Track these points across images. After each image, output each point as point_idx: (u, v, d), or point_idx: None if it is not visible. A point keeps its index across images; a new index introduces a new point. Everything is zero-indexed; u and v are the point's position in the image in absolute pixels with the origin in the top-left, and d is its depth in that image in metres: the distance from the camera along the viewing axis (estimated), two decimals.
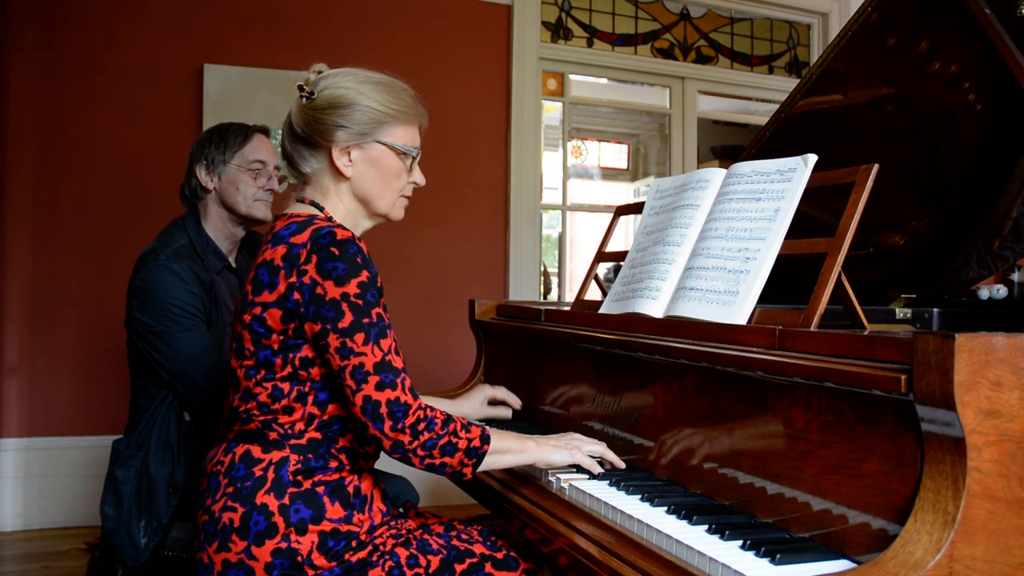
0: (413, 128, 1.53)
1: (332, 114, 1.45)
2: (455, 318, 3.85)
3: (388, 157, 1.49)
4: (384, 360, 1.31)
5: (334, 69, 1.51)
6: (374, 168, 1.48)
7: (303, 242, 1.35)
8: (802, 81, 1.87)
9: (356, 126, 1.45)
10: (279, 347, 1.35)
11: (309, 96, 1.47)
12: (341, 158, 1.46)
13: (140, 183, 3.54)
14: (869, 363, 1.02)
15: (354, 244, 1.34)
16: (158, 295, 1.92)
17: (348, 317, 1.30)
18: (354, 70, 1.51)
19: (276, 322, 1.35)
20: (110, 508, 1.94)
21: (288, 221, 1.42)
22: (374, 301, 1.33)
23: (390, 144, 1.48)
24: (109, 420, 3.30)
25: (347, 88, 1.46)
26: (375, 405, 1.29)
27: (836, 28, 4.73)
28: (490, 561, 1.42)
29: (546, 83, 4.42)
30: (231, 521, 1.32)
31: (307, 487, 1.34)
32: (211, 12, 3.68)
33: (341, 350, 1.30)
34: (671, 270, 1.53)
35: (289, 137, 1.51)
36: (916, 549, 0.90)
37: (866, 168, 1.27)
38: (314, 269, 1.32)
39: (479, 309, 2.29)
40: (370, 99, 1.46)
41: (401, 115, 1.49)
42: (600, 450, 1.48)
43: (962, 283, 2.04)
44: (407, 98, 1.51)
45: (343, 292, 1.31)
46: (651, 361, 1.49)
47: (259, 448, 1.37)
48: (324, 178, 1.50)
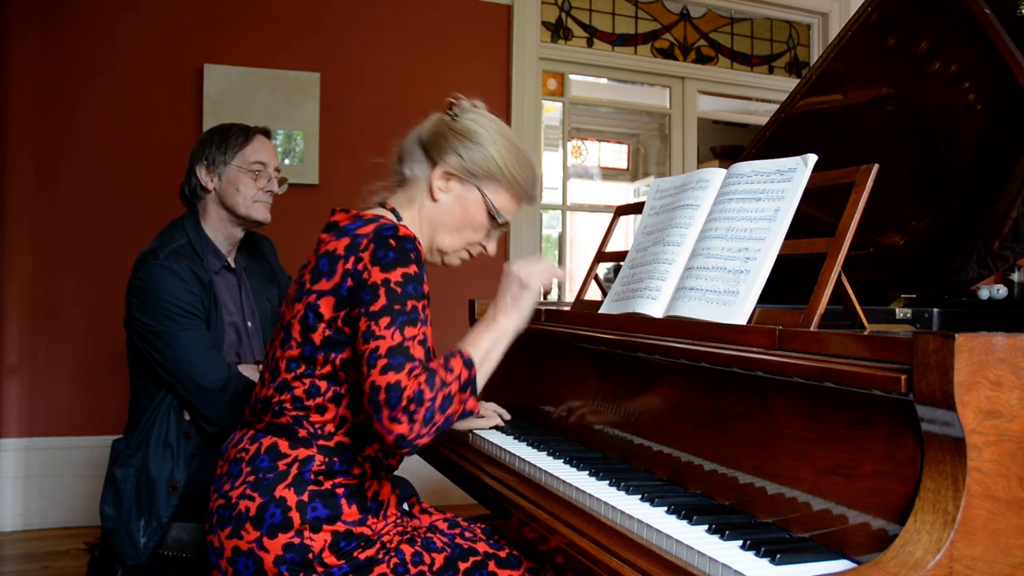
0: (516, 203, 1.55)
1: (459, 140, 1.49)
2: (455, 318, 3.84)
3: (477, 207, 1.51)
4: (401, 345, 1.27)
5: (486, 111, 1.56)
6: (460, 207, 1.51)
7: (367, 233, 1.36)
8: (802, 81, 1.86)
9: (471, 163, 1.49)
10: (321, 343, 1.35)
11: (453, 116, 1.52)
12: (440, 180, 1.50)
13: (140, 183, 3.54)
14: (869, 363, 1.02)
15: (412, 242, 1.35)
16: (157, 295, 1.92)
17: (381, 301, 1.29)
18: (502, 125, 1.55)
19: (328, 309, 1.35)
20: (110, 508, 1.94)
21: (354, 218, 1.43)
22: (414, 294, 1.32)
23: (488, 198, 1.51)
24: (109, 420, 3.30)
25: (485, 130, 1.50)
26: (376, 391, 1.24)
27: (836, 28, 4.73)
28: (493, 559, 1.42)
29: (546, 83, 4.42)
30: (247, 509, 1.33)
31: (327, 487, 1.35)
32: (211, 12, 3.68)
33: (366, 333, 1.28)
34: (671, 270, 1.53)
35: (414, 139, 1.55)
36: (916, 549, 0.90)
37: (866, 168, 1.27)
38: (368, 256, 1.33)
39: (479, 309, 2.29)
40: (498, 152, 1.50)
41: (514, 185, 1.52)
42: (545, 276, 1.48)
43: (962, 283, 2.04)
44: (529, 175, 1.54)
45: (385, 278, 1.30)
46: (651, 361, 1.49)
47: (286, 443, 1.37)
48: (417, 189, 1.53)
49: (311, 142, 3.76)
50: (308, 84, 3.73)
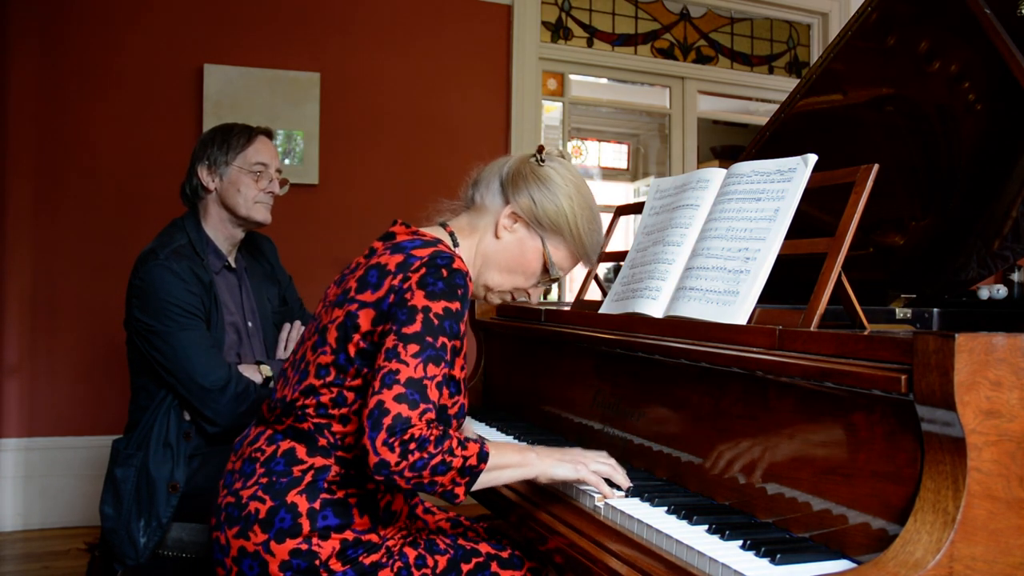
0: (573, 261, 1.56)
1: (536, 186, 1.49)
2: None
3: (535, 255, 1.52)
4: (422, 381, 1.25)
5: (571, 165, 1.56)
6: (518, 251, 1.52)
7: (422, 256, 1.34)
8: (802, 81, 1.86)
9: (541, 211, 1.49)
10: (356, 354, 1.33)
11: (539, 160, 1.53)
12: (507, 218, 1.50)
13: (140, 183, 3.54)
14: (869, 363, 1.02)
15: (464, 277, 1.33)
16: (158, 295, 1.92)
17: (415, 327, 1.27)
18: (583, 184, 1.54)
19: (367, 322, 1.33)
20: (110, 508, 1.94)
21: (414, 236, 1.42)
22: (449, 331, 1.30)
23: (547, 250, 1.51)
24: (109, 420, 3.30)
25: (564, 182, 1.50)
26: (383, 412, 1.21)
27: (836, 28, 4.73)
28: (496, 560, 1.42)
29: (546, 83, 4.42)
30: (256, 511, 1.32)
31: (340, 496, 1.33)
32: (211, 12, 3.68)
33: (390, 351, 1.26)
34: (671, 270, 1.53)
35: (497, 169, 1.56)
36: (916, 549, 0.90)
37: (866, 168, 1.27)
38: (416, 278, 1.31)
39: (479, 309, 2.29)
40: (570, 207, 1.50)
41: (576, 244, 1.52)
42: (607, 470, 1.37)
43: (962, 283, 2.04)
44: (594, 238, 1.55)
45: (426, 305, 1.28)
46: (651, 361, 1.49)
47: (304, 449, 1.35)
48: (483, 219, 1.53)
49: (311, 142, 3.76)
50: (308, 84, 3.73)
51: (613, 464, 1.39)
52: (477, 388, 2.30)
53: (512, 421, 1.97)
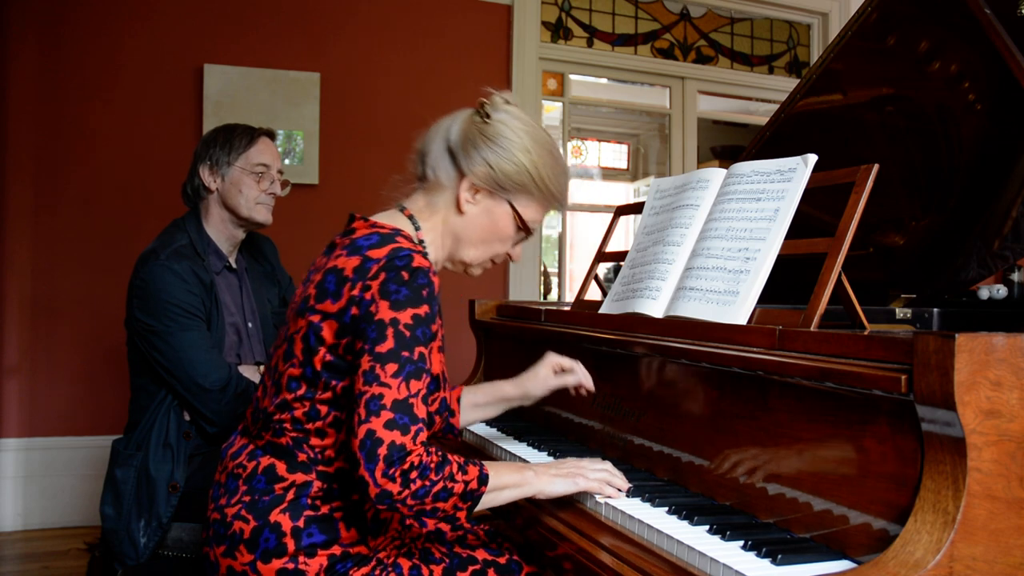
0: (545, 211, 1.48)
1: (490, 149, 1.39)
2: (455, 318, 3.84)
3: (506, 221, 1.44)
4: (407, 401, 1.20)
5: (520, 110, 1.46)
6: (488, 220, 1.44)
7: (378, 258, 1.27)
8: (802, 81, 1.87)
9: (501, 175, 1.40)
10: (323, 367, 1.29)
11: (484, 117, 1.42)
12: (467, 192, 1.41)
13: (140, 183, 3.54)
14: (869, 363, 1.02)
15: (426, 276, 1.27)
16: (158, 295, 1.92)
17: (388, 344, 1.21)
18: (535, 127, 1.45)
19: (330, 334, 1.28)
20: (110, 508, 1.94)
21: (371, 231, 1.35)
22: (422, 339, 1.24)
23: (518, 212, 1.43)
24: (109, 420, 3.30)
25: (517, 135, 1.40)
26: (376, 443, 1.17)
27: (836, 28, 4.73)
28: (492, 567, 1.40)
29: (546, 83, 4.42)
30: (241, 531, 1.29)
31: (324, 512, 1.30)
32: (211, 12, 3.68)
33: (368, 374, 1.21)
34: (671, 270, 1.53)
35: (441, 137, 1.45)
36: (916, 549, 0.90)
37: (866, 168, 1.27)
38: (377, 287, 1.25)
39: (479, 309, 2.29)
40: (530, 162, 1.40)
41: (545, 195, 1.44)
42: (605, 476, 1.37)
43: (962, 283, 2.04)
44: (561, 182, 1.46)
45: (393, 317, 1.23)
46: (651, 361, 1.49)
47: (284, 466, 1.31)
48: (440, 196, 1.44)
49: (311, 142, 3.76)
50: (308, 84, 3.73)
51: (610, 469, 1.38)
52: None
53: (512, 421, 1.97)
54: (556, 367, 1.65)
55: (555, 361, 1.64)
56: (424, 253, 1.32)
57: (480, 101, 1.43)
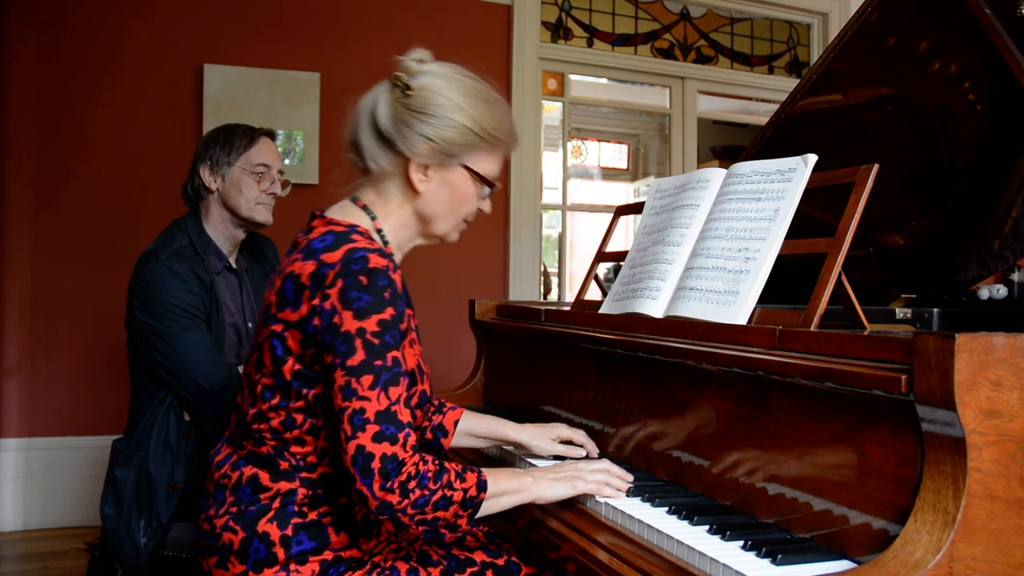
0: (501, 158, 1.42)
1: (424, 122, 1.32)
2: (455, 318, 3.85)
3: (466, 183, 1.38)
4: (389, 410, 1.19)
5: (438, 63, 1.38)
6: (448, 190, 1.37)
7: (333, 263, 1.23)
8: (802, 81, 1.87)
9: (444, 144, 1.33)
10: (291, 376, 1.27)
11: (405, 88, 1.32)
12: (417, 173, 1.35)
13: (140, 183, 3.54)
14: (869, 363, 1.03)
15: (386, 276, 1.23)
16: (159, 295, 1.92)
17: (359, 356, 1.19)
18: (458, 74, 1.38)
19: (295, 344, 1.26)
20: (110, 508, 1.94)
21: (326, 229, 1.31)
22: (392, 343, 1.21)
23: (473, 171, 1.37)
24: (109, 420, 3.30)
25: (447, 97, 1.33)
26: (368, 458, 1.16)
27: (836, 28, 4.73)
28: (491, 568, 1.40)
29: (546, 83, 4.42)
30: (230, 542, 1.28)
31: (312, 518, 1.28)
32: (211, 12, 3.68)
33: (345, 389, 1.19)
34: (671, 270, 1.53)
35: (368, 125, 1.36)
36: (916, 549, 0.90)
37: (866, 168, 1.27)
38: (337, 295, 1.21)
39: (479, 309, 2.29)
40: (468, 118, 1.33)
41: (495, 142, 1.38)
42: (604, 477, 1.36)
43: (962, 283, 2.04)
44: (506, 122, 1.39)
45: (359, 327, 1.19)
46: (651, 361, 1.49)
47: (267, 476, 1.29)
48: (390, 183, 1.38)
49: (311, 142, 3.76)
50: (308, 84, 3.73)
51: (609, 468, 1.37)
52: (477, 388, 2.30)
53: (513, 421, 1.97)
54: (565, 440, 1.62)
55: (566, 434, 1.62)
56: (382, 250, 1.27)
57: (395, 75, 1.34)
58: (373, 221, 1.38)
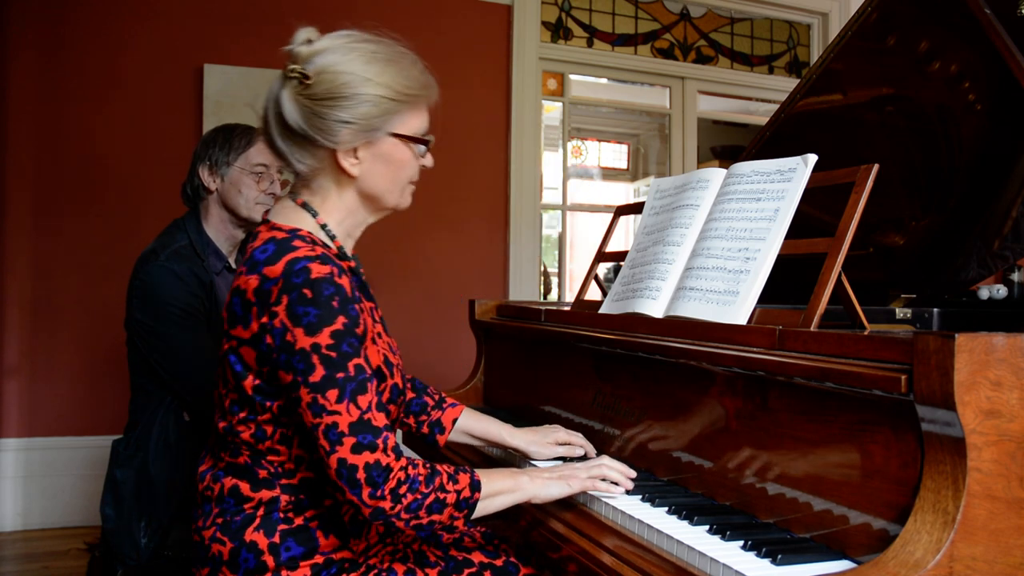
0: (424, 110, 1.35)
1: (334, 107, 1.25)
2: (455, 318, 3.85)
3: (400, 150, 1.32)
4: (362, 419, 1.17)
5: (327, 37, 1.32)
6: (384, 163, 1.32)
7: (275, 277, 1.20)
8: (802, 81, 1.87)
9: (364, 121, 1.27)
10: (253, 391, 1.25)
11: (303, 79, 1.26)
12: (347, 159, 1.30)
13: (140, 183, 3.54)
14: (869, 363, 1.02)
15: (330, 284, 1.19)
16: (158, 295, 1.92)
17: (319, 371, 1.17)
18: (353, 42, 1.32)
19: (252, 362, 1.24)
20: (110, 508, 1.94)
21: (268, 236, 1.27)
22: (351, 352, 1.19)
23: (403, 135, 1.32)
24: (109, 420, 3.30)
25: (351, 73, 1.26)
26: (351, 470, 1.15)
27: (836, 28, 4.73)
28: (489, 569, 1.40)
29: (546, 83, 4.42)
30: (220, 553, 1.27)
31: (299, 523, 1.27)
32: (211, 12, 3.68)
33: (313, 406, 1.17)
34: (671, 270, 1.53)
35: (279, 128, 1.30)
36: (916, 549, 0.90)
37: (866, 168, 1.27)
38: (284, 312, 1.18)
39: (479, 309, 2.29)
40: (379, 86, 1.27)
41: (413, 99, 1.31)
42: (598, 472, 1.35)
43: (962, 283, 2.04)
44: (417, 75, 1.32)
45: (313, 343, 1.17)
46: (651, 361, 1.49)
47: (248, 486, 1.28)
48: (323, 177, 1.33)
49: None
50: None
51: (607, 463, 1.37)
52: (477, 388, 2.30)
53: (513, 422, 1.97)
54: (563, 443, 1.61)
55: (563, 438, 1.60)
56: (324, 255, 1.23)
57: (288, 67, 1.28)
58: (315, 218, 1.33)
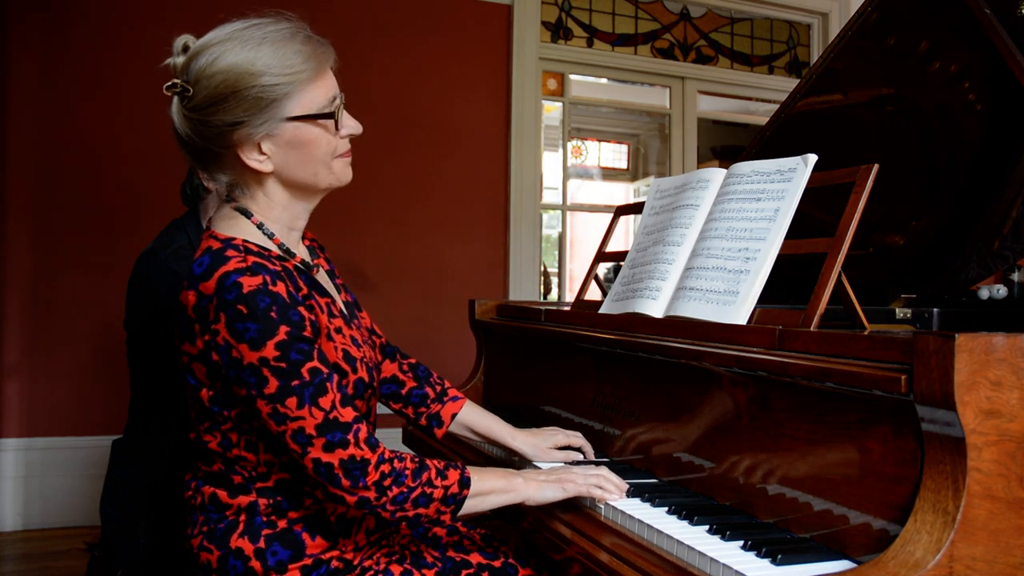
0: (323, 80, 1.26)
1: (217, 112, 1.19)
2: (455, 318, 3.85)
3: (306, 130, 1.24)
4: (327, 419, 1.16)
5: (203, 38, 1.25)
6: (295, 149, 1.24)
7: (209, 295, 1.17)
8: (802, 81, 1.87)
9: (253, 116, 1.20)
10: (210, 402, 1.24)
11: (183, 93, 1.21)
12: (251, 156, 1.23)
13: (140, 183, 3.55)
14: (869, 363, 1.02)
15: (264, 296, 1.15)
16: (158, 295, 1.92)
17: (273, 383, 1.15)
18: (225, 36, 1.24)
19: (203, 376, 1.23)
20: (110, 508, 1.94)
21: (205, 246, 1.23)
22: (301, 358, 1.16)
23: (303, 116, 1.23)
24: (109, 420, 3.30)
25: (224, 71, 1.18)
26: (328, 467, 1.16)
27: (836, 28, 4.73)
28: (487, 570, 1.39)
29: (546, 83, 4.42)
30: (208, 562, 1.27)
31: (283, 526, 1.26)
32: (211, 12, 3.68)
33: (274, 416, 1.16)
34: (671, 270, 1.53)
35: (182, 147, 1.27)
36: (916, 549, 0.90)
37: (866, 168, 1.27)
38: (224, 330, 1.16)
39: (479, 309, 2.29)
40: (257, 75, 1.18)
41: (300, 74, 1.22)
42: (595, 480, 1.34)
43: (962, 283, 2.04)
44: (298, 47, 1.24)
45: (260, 357, 1.14)
46: (651, 361, 1.49)
47: (225, 493, 1.27)
48: (243, 182, 1.29)
49: None
50: None
51: (604, 473, 1.36)
52: (477, 388, 2.30)
53: (513, 421, 1.97)
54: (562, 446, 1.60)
55: (563, 441, 1.60)
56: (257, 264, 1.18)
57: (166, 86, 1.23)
58: (251, 219, 1.29)
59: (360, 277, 3.81)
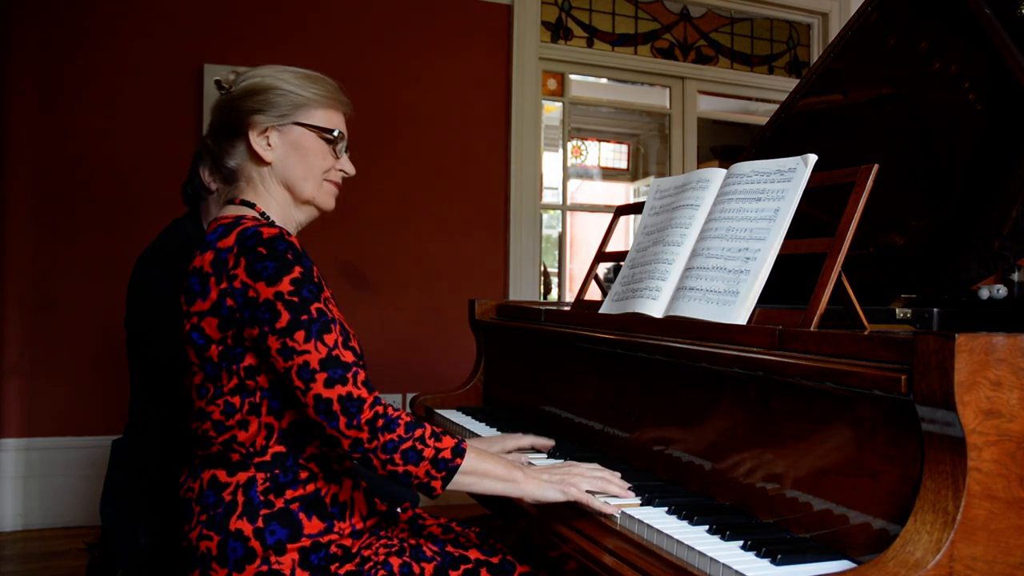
0: (335, 113, 1.50)
1: (249, 100, 1.43)
2: (455, 318, 3.85)
3: (308, 139, 1.45)
4: (330, 355, 1.25)
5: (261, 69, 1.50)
6: (295, 151, 1.44)
7: (229, 246, 1.30)
8: (802, 81, 1.87)
9: (273, 109, 1.43)
10: (219, 358, 1.30)
11: (228, 90, 1.46)
12: (259, 141, 1.42)
13: (140, 183, 3.54)
14: (869, 363, 1.02)
15: (282, 240, 1.29)
16: (158, 295, 1.92)
17: (285, 316, 1.25)
18: (279, 66, 1.50)
19: (214, 331, 1.30)
20: (110, 508, 1.94)
21: (216, 224, 1.38)
22: (311, 296, 1.27)
23: (309, 125, 1.45)
24: (109, 420, 3.30)
25: (264, 76, 1.45)
26: (327, 403, 1.23)
27: (836, 28, 4.73)
28: (485, 566, 1.40)
29: (546, 83, 4.42)
30: (208, 550, 1.29)
31: (280, 506, 1.30)
32: (211, 12, 3.68)
33: (283, 351, 1.25)
34: (671, 270, 1.53)
35: (210, 134, 1.49)
36: (916, 549, 0.90)
37: (866, 168, 1.27)
38: (243, 272, 1.27)
39: (479, 309, 2.29)
40: (288, 83, 1.45)
41: (321, 99, 1.47)
42: (599, 484, 1.33)
43: (962, 283, 2.04)
44: (327, 86, 1.50)
45: (276, 291, 1.25)
46: (651, 361, 1.49)
47: (224, 472, 1.32)
48: (248, 168, 1.45)
49: None
50: None
51: (606, 476, 1.35)
52: (477, 388, 2.30)
53: (513, 421, 1.97)
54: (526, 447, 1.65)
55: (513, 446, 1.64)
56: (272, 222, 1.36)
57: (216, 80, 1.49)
58: (254, 208, 1.43)
59: (360, 277, 3.81)
